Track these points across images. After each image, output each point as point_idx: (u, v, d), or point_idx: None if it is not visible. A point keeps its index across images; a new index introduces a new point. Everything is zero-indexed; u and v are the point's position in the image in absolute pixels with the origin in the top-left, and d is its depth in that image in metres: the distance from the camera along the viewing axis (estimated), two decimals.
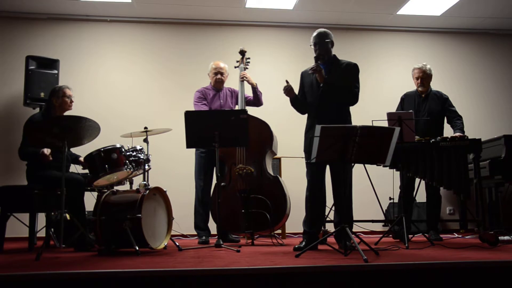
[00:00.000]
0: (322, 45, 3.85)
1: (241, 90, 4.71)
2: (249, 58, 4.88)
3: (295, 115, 4.14)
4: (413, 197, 4.68)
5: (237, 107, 4.75)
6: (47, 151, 3.94)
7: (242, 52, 4.89)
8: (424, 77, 4.79)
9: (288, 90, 3.85)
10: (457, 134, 4.45)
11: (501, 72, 6.62)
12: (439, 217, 4.82)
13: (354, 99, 3.83)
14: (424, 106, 4.77)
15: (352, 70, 3.85)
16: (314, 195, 3.79)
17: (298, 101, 3.94)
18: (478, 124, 6.31)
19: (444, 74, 6.48)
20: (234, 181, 4.46)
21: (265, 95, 4.88)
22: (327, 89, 3.73)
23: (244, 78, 4.70)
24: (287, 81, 3.87)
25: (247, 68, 4.85)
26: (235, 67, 4.88)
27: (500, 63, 6.64)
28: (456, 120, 4.73)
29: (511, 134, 4.84)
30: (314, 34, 3.90)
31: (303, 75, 4.00)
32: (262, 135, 4.51)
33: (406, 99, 4.91)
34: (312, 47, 3.89)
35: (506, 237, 4.27)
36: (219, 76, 4.73)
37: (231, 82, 4.99)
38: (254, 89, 4.73)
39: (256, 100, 4.77)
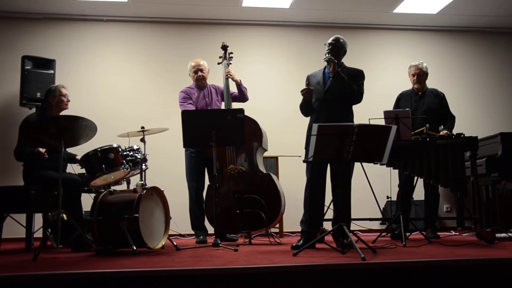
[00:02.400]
0: (335, 47, 3.88)
1: (226, 87, 4.67)
2: (231, 53, 4.84)
3: (292, 114, 4.15)
4: (411, 195, 4.69)
5: (223, 104, 4.72)
6: (42, 149, 3.93)
7: (225, 47, 4.83)
8: (420, 74, 4.82)
9: (308, 92, 3.79)
10: (444, 132, 4.47)
11: (497, 69, 6.64)
12: (436, 215, 4.84)
13: (359, 97, 3.86)
14: (421, 104, 4.79)
15: (358, 74, 3.91)
16: (314, 194, 3.79)
17: (310, 104, 3.92)
18: (475, 122, 6.33)
19: (440, 72, 6.49)
20: (227, 182, 4.43)
21: (261, 94, 4.90)
22: (336, 81, 3.74)
23: (229, 75, 4.67)
24: (307, 84, 3.85)
25: (230, 63, 4.80)
26: (219, 63, 4.83)
27: (496, 61, 6.66)
28: (448, 120, 4.78)
29: (508, 132, 4.85)
30: (333, 37, 3.97)
31: (309, 77, 4.00)
32: (251, 132, 4.46)
33: (402, 98, 4.93)
34: (326, 46, 3.91)
35: (503, 235, 4.28)
36: (199, 73, 4.70)
37: (215, 79, 4.96)
38: (239, 85, 4.69)
39: (241, 96, 4.73)
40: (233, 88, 4.77)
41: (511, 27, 6.65)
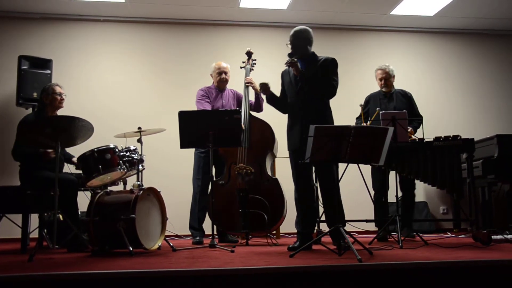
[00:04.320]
0: (295, 43, 3.84)
1: (246, 95, 4.65)
2: (255, 60, 4.86)
3: None
4: (387, 196, 4.67)
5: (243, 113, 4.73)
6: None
7: (249, 54, 4.86)
8: (387, 77, 4.84)
9: (264, 87, 3.89)
10: (409, 130, 4.48)
11: (493, 71, 6.66)
12: (413, 215, 4.82)
13: (331, 92, 3.77)
14: (390, 105, 4.79)
15: (329, 65, 3.80)
16: (303, 196, 3.79)
17: (275, 99, 3.96)
18: (471, 123, 6.36)
19: (437, 74, 6.52)
20: (233, 180, 4.45)
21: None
22: (304, 82, 3.72)
23: (250, 84, 4.65)
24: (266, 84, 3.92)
25: (252, 69, 4.82)
26: (241, 67, 4.85)
27: (493, 63, 6.68)
28: (413, 121, 4.74)
29: (504, 134, 4.87)
30: (291, 32, 3.90)
31: (283, 75, 4.02)
32: (265, 137, 4.52)
33: (371, 100, 4.94)
34: (288, 45, 3.88)
35: (499, 236, 4.29)
36: (223, 75, 4.72)
37: (233, 82, 4.97)
38: (257, 95, 4.68)
39: (257, 106, 4.74)
40: (251, 97, 4.76)
41: (508, 30, 6.67)
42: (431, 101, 6.25)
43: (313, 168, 3.98)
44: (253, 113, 4.70)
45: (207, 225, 4.48)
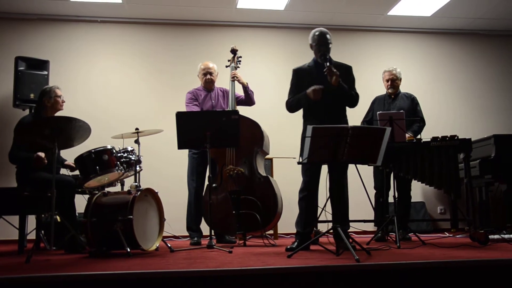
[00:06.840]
0: (328, 45, 3.79)
1: (232, 89, 4.67)
2: (240, 57, 4.84)
3: (287, 116, 4.13)
4: (387, 196, 4.67)
5: (228, 107, 4.73)
6: (42, 153, 3.91)
7: (234, 51, 4.84)
8: (394, 79, 4.88)
9: (321, 92, 3.63)
10: (407, 135, 4.47)
11: (491, 72, 6.68)
12: (409, 217, 4.82)
13: (357, 102, 3.88)
14: (393, 106, 4.82)
15: (352, 74, 3.89)
16: (311, 195, 3.79)
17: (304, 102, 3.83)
18: (469, 124, 6.37)
19: (435, 74, 6.53)
20: (225, 182, 4.44)
21: (257, 96, 4.88)
22: (339, 92, 3.70)
23: (235, 78, 4.67)
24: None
25: (238, 67, 4.81)
26: (226, 66, 4.84)
27: (490, 64, 6.70)
28: (416, 123, 4.78)
29: (501, 134, 4.87)
30: (320, 33, 3.80)
31: (299, 73, 3.91)
32: (252, 135, 4.48)
33: (376, 102, 4.97)
34: (315, 46, 3.80)
35: (496, 236, 4.30)
36: (208, 76, 4.71)
37: (223, 81, 4.97)
38: (245, 88, 4.71)
39: (248, 99, 4.75)
40: (240, 92, 4.77)
41: (505, 30, 6.69)
42: (428, 101, 6.24)
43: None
44: (242, 110, 4.66)
45: (205, 226, 4.48)
